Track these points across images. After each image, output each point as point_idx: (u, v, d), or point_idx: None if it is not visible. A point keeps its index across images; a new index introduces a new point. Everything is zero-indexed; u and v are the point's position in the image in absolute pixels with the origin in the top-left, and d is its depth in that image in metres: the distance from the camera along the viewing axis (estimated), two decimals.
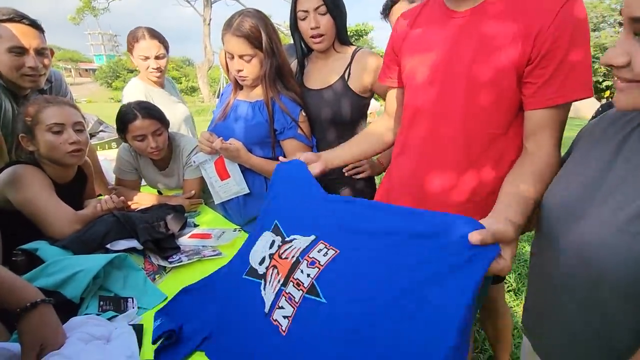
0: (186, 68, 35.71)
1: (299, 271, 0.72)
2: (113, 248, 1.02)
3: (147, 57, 1.72)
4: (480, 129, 0.81)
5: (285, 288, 0.72)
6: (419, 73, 0.88)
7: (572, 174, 0.63)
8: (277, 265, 0.78)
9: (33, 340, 0.65)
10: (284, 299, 0.71)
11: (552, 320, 0.62)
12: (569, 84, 0.70)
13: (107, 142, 2.85)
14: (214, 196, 1.42)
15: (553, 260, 0.60)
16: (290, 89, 1.30)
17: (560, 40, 0.68)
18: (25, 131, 1.12)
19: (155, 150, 1.42)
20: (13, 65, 1.22)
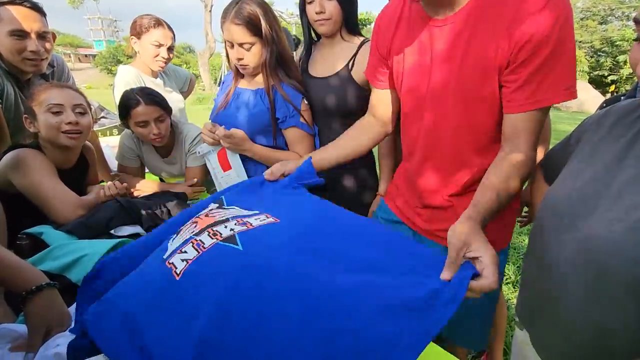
0: (187, 55, 35.34)
1: (222, 226, 0.65)
2: (117, 234, 1.03)
3: (161, 44, 1.70)
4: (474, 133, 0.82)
5: (196, 237, 0.64)
6: (407, 84, 0.89)
7: (579, 169, 0.63)
8: (198, 221, 0.71)
9: (39, 322, 0.66)
10: (190, 245, 0.63)
11: (550, 314, 0.63)
12: (542, 90, 0.69)
13: (109, 128, 2.84)
14: (217, 188, 1.42)
15: (555, 253, 0.61)
16: (292, 77, 1.29)
17: (538, 46, 0.67)
18: (28, 112, 1.13)
19: (158, 137, 1.42)
20: (14, 48, 1.20)
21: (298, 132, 1.30)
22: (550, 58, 0.67)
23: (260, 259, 0.55)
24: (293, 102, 1.26)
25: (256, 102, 1.30)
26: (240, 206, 0.76)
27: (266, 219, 0.67)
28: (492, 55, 0.72)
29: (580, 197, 0.59)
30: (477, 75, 0.75)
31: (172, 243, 0.68)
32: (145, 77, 1.76)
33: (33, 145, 1.15)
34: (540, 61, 0.67)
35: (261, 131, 1.33)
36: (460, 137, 0.84)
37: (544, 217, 0.66)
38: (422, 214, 0.99)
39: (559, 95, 0.69)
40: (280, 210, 0.70)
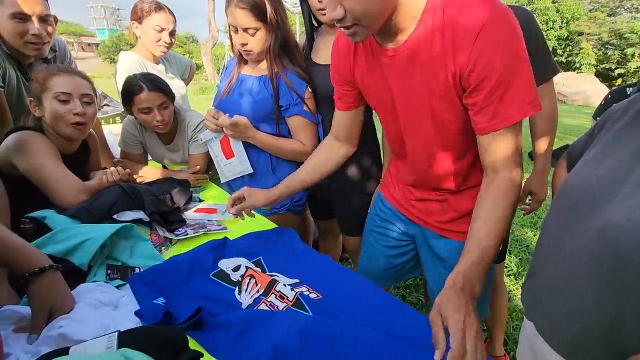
0: (190, 45, 35.13)
1: (281, 285, 0.78)
2: (120, 219, 1.03)
3: (163, 29, 1.67)
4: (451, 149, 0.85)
5: (265, 297, 0.76)
6: (379, 112, 0.93)
7: (601, 156, 0.61)
8: (255, 275, 0.82)
9: (42, 304, 0.66)
10: (264, 305, 0.75)
11: (561, 303, 0.62)
12: (501, 111, 0.69)
13: (112, 116, 2.84)
14: (220, 175, 1.42)
15: (570, 242, 0.60)
16: (297, 64, 1.27)
17: (484, 73, 0.67)
18: (34, 96, 1.12)
19: (161, 124, 1.41)
20: (16, 31, 1.19)
21: (302, 121, 1.29)
22: (501, 81, 0.67)
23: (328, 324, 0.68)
24: (297, 89, 1.25)
25: (260, 89, 1.29)
26: (282, 274, 0.89)
27: (310, 293, 0.81)
28: (445, 83, 0.73)
29: (600, 184, 0.57)
30: (437, 102, 0.76)
31: (242, 297, 0.79)
32: (148, 63, 1.75)
33: (37, 129, 1.15)
34: (492, 85, 0.67)
35: (265, 119, 1.31)
36: (439, 154, 0.86)
37: (561, 205, 0.65)
38: (416, 206, 1.01)
39: (519, 113, 0.69)
40: (321, 286, 0.84)
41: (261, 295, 0.76)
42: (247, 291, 0.78)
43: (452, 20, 0.67)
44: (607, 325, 0.55)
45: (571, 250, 0.59)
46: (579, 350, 0.60)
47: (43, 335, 0.63)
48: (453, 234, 0.96)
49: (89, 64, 28.96)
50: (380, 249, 1.12)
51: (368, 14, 0.67)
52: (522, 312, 1.84)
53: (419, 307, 1.88)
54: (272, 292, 0.77)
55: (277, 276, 0.87)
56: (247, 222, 1.21)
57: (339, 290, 0.81)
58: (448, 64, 0.70)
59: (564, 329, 0.61)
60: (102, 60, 30.37)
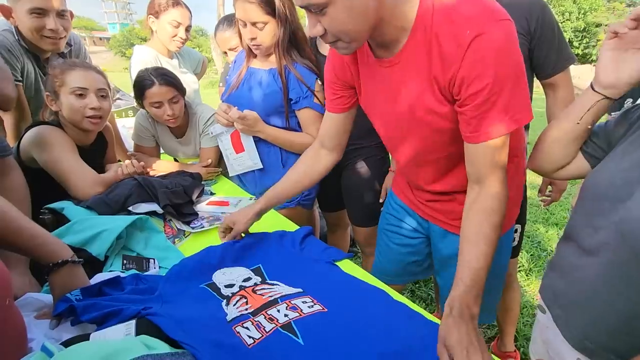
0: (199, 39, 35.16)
1: (275, 309, 0.72)
2: (135, 210, 1.05)
3: (180, 24, 1.68)
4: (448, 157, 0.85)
5: (253, 317, 0.70)
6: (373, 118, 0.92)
7: (627, 151, 0.60)
8: (247, 296, 0.77)
9: (63, 291, 0.69)
10: (250, 323, 0.69)
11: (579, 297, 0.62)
12: (483, 126, 0.69)
13: (124, 110, 2.87)
14: (228, 169, 1.43)
15: (592, 237, 0.59)
16: (306, 57, 1.26)
17: (471, 87, 0.66)
18: (50, 90, 1.15)
19: (172, 117, 1.42)
20: (33, 26, 1.22)
21: (312, 113, 1.29)
22: (487, 96, 0.66)
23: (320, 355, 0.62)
24: (307, 82, 1.24)
25: (269, 83, 1.29)
26: (282, 281, 0.83)
27: (314, 304, 0.74)
28: (437, 93, 0.72)
29: (624, 180, 0.57)
30: (430, 112, 0.76)
31: (228, 308, 0.73)
32: (162, 57, 1.76)
33: (54, 123, 1.18)
34: (478, 99, 0.67)
35: (275, 112, 1.32)
36: (438, 161, 0.87)
37: (585, 198, 0.64)
38: (426, 204, 1.00)
39: (502, 127, 0.69)
40: (325, 296, 0.77)
41: (249, 314, 0.71)
42: (235, 306, 0.74)
43: (440, 32, 0.67)
44: (622, 319, 0.55)
45: (591, 243, 0.59)
46: (591, 342, 0.60)
47: (64, 322, 0.65)
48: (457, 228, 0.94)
49: (100, 57, 29.30)
50: (393, 247, 1.12)
51: (346, 32, 0.67)
52: (533, 308, 1.83)
53: (428, 302, 1.88)
54: (261, 313, 0.71)
55: (278, 285, 0.82)
56: None
57: (346, 303, 0.75)
58: (437, 76, 0.70)
59: (578, 320, 0.62)
60: (114, 54, 30.65)
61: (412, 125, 0.81)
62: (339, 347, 0.64)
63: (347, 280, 0.84)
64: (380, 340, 0.65)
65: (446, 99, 0.72)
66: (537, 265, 2.20)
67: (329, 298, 0.76)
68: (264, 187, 1.40)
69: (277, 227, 1.10)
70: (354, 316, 0.71)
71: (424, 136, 0.82)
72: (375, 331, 0.67)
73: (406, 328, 0.69)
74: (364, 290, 0.81)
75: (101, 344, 0.47)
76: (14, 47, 1.23)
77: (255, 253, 0.95)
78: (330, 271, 0.88)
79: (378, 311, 0.73)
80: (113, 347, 0.44)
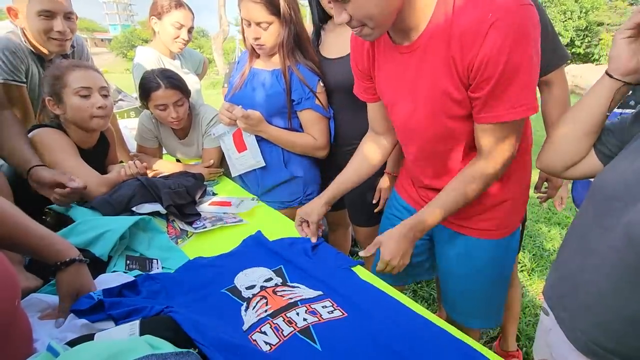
0: (200, 39, 35.22)
1: (295, 312, 0.72)
2: (138, 211, 1.06)
3: (182, 25, 1.68)
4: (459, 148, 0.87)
5: (272, 319, 0.71)
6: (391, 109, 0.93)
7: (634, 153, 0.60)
8: (267, 297, 0.78)
9: (69, 289, 0.70)
10: (268, 326, 0.69)
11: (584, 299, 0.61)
12: (492, 108, 0.72)
13: (126, 111, 2.89)
14: (230, 169, 1.44)
15: (599, 238, 0.59)
16: (309, 58, 1.27)
17: (486, 71, 0.68)
18: (52, 94, 1.14)
19: (176, 120, 1.43)
20: (41, 28, 1.22)
21: (313, 115, 1.29)
22: (501, 81, 0.68)
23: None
24: (309, 83, 1.25)
25: (272, 83, 1.29)
26: (304, 284, 0.84)
27: (334, 310, 0.74)
28: (455, 79, 0.73)
29: (636, 179, 0.56)
30: (448, 97, 0.77)
31: (246, 315, 0.73)
32: (165, 58, 1.77)
33: (54, 125, 1.18)
34: (491, 84, 0.69)
35: (277, 113, 1.32)
36: (448, 153, 0.89)
37: (593, 198, 0.64)
38: None
39: (508, 114, 0.72)
40: (345, 301, 0.77)
41: (267, 316, 0.71)
42: (254, 309, 0.74)
43: (461, 17, 0.68)
44: (628, 323, 0.55)
45: (599, 244, 0.59)
46: (597, 345, 0.59)
47: (69, 323, 0.65)
48: (469, 230, 0.95)
49: (102, 59, 29.37)
50: None
51: (372, 17, 0.70)
52: (536, 308, 1.83)
53: (430, 302, 1.88)
54: (280, 315, 0.71)
55: (298, 287, 0.82)
56: (262, 215, 1.23)
57: (366, 309, 0.74)
58: (456, 59, 0.71)
59: (583, 323, 0.61)
60: (115, 55, 30.70)
61: (428, 113, 0.82)
62: (356, 354, 0.64)
63: (366, 287, 0.85)
64: (398, 350, 0.65)
65: (462, 83, 0.74)
66: (539, 265, 2.20)
67: (350, 303, 0.76)
68: (266, 187, 1.41)
69: (279, 227, 1.11)
70: (373, 324, 0.71)
71: (439, 124, 0.83)
72: (393, 340, 0.67)
73: (425, 339, 0.69)
74: (383, 299, 0.81)
75: (106, 344, 0.48)
76: (18, 49, 1.24)
77: (277, 254, 0.96)
78: (349, 276, 0.89)
79: (396, 321, 0.73)
80: (118, 346, 0.45)
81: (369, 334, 0.68)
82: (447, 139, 0.86)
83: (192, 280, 0.84)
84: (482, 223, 0.93)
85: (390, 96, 0.91)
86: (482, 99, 0.72)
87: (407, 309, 0.78)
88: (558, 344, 0.67)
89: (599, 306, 0.58)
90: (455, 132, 0.83)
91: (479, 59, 0.67)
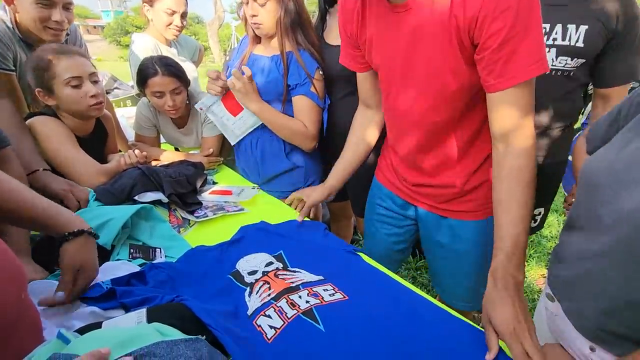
0: (195, 26, 34.48)
1: (297, 295, 0.73)
2: (141, 200, 1.05)
3: (174, 11, 1.65)
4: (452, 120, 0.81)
5: (275, 302, 0.72)
6: (382, 72, 0.87)
7: (627, 139, 0.59)
8: (269, 281, 0.79)
9: (73, 261, 0.68)
10: (272, 309, 0.70)
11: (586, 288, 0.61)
12: (510, 68, 0.66)
13: (123, 99, 2.85)
14: (229, 138, 1.39)
15: (597, 224, 0.59)
16: (310, 41, 1.24)
17: (492, 26, 0.64)
18: (41, 86, 1.11)
19: (172, 108, 1.41)
20: (38, 16, 1.19)
21: (306, 102, 1.26)
22: (511, 36, 0.64)
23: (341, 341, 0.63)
24: (307, 68, 1.22)
25: (271, 69, 1.27)
26: (304, 268, 0.84)
27: (335, 292, 0.75)
28: (453, 40, 0.69)
29: (625, 166, 0.56)
30: (445, 60, 0.72)
31: (250, 300, 0.75)
32: (162, 46, 1.74)
33: (50, 113, 1.16)
34: (500, 41, 0.64)
35: (275, 99, 1.30)
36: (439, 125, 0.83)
37: (584, 188, 0.64)
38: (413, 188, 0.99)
39: (526, 71, 0.66)
40: (346, 284, 0.78)
41: (271, 299, 0.72)
42: (258, 293, 0.75)
43: None
44: (637, 308, 0.55)
45: (597, 232, 0.59)
46: (606, 332, 0.59)
47: (76, 311, 0.66)
48: (450, 212, 0.95)
49: (95, 46, 28.77)
50: (380, 236, 1.12)
51: None
52: (533, 293, 1.86)
53: (430, 288, 1.91)
54: (283, 297, 0.72)
55: (299, 272, 0.83)
56: (263, 203, 1.23)
57: (367, 292, 0.75)
58: (458, 15, 0.66)
59: (591, 312, 0.61)
60: (108, 42, 30.12)
61: (422, 78, 0.78)
62: (359, 334, 0.65)
63: (368, 270, 0.86)
64: (400, 330, 0.66)
65: (464, 45, 0.69)
66: (537, 252, 2.23)
67: (350, 287, 0.77)
68: (266, 176, 1.40)
69: (280, 215, 1.11)
70: (374, 305, 0.71)
71: (434, 89, 0.78)
72: (395, 320, 0.68)
73: (425, 318, 0.70)
74: (384, 281, 0.82)
75: (116, 331, 0.48)
76: (3, 36, 1.20)
77: (276, 240, 0.97)
78: (351, 260, 0.89)
79: (398, 301, 0.74)
80: (128, 333, 0.45)
81: (370, 315, 0.69)
82: (440, 110, 0.80)
83: (196, 268, 0.85)
84: (462, 205, 0.93)
85: (381, 59, 0.86)
86: (494, 58, 0.66)
87: (407, 289, 0.79)
88: (566, 331, 0.67)
89: (606, 295, 0.58)
90: (450, 101, 0.78)
91: (484, 11, 0.63)
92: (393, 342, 0.64)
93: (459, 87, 0.75)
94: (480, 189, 0.90)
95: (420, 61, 0.76)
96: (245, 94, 1.24)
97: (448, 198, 0.93)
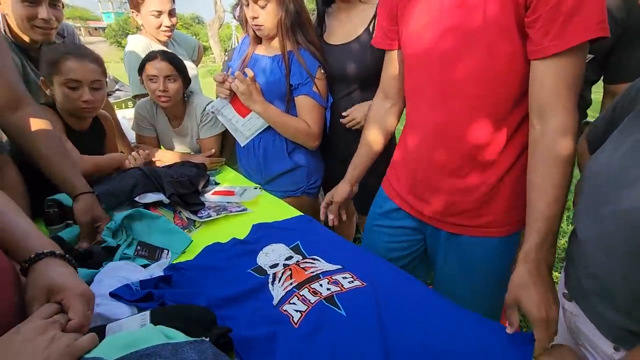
0: (195, 26, 34.50)
1: (318, 284, 0.76)
2: (141, 201, 1.05)
3: (160, 12, 1.62)
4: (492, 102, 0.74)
5: (298, 291, 0.74)
6: (420, 42, 0.80)
7: (623, 136, 0.59)
8: (291, 270, 0.81)
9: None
10: (296, 298, 0.73)
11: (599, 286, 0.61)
12: (569, 28, 0.60)
13: (124, 101, 2.86)
14: (238, 139, 1.39)
15: (600, 225, 0.58)
16: (310, 40, 1.24)
17: None
18: (45, 75, 1.16)
19: (163, 94, 1.39)
20: (25, 15, 1.19)
21: (309, 101, 1.26)
22: None
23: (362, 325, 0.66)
24: (308, 68, 1.22)
25: (272, 69, 1.27)
26: (323, 258, 0.87)
27: (353, 280, 0.78)
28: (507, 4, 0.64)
29: (622, 166, 0.55)
30: (494, 23, 0.66)
31: (274, 288, 0.77)
32: (156, 45, 1.73)
33: (48, 103, 1.19)
34: None
35: (277, 100, 1.30)
36: (480, 112, 0.75)
37: (586, 189, 0.63)
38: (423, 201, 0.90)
39: (589, 31, 0.59)
40: (363, 272, 0.80)
41: (294, 288, 0.75)
42: (280, 281, 0.78)
43: None
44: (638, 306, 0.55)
45: (600, 233, 0.58)
46: (628, 332, 0.58)
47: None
48: (465, 229, 0.86)
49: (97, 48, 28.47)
50: (380, 249, 1.03)
51: None
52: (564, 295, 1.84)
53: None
54: (305, 287, 0.75)
55: (318, 261, 0.85)
56: (265, 203, 1.22)
57: (384, 281, 0.77)
58: None
59: (610, 314, 0.60)
60: (109, 44, 30.18)
61: (464, 44, 0.71)
62: (378, 318, 0.67)
63: (380, 262, 0.88)
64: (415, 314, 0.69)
65: (514, 5, 0.64)
66: None
67: (367, 275, 0.79)
68: (269, 176, 1.40)
69: (284, 217, 1.10)
70: (391, 292, 0.74)
71: (477, 57, 0.70)
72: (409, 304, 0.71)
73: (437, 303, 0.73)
74: (397, 272, 0.84)
75: (122, 334, 0.48)
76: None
77: (292, 232, 0.99)
78: (362, 252, 0.92)
79: (413, 286, 0.78)
80: (133, 336, 0.45)
81: (387, 300, 0.72)
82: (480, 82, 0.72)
83: (217, 266, 0.87)
84: (479, 219, 0.83)
85: (415, 38, 0.79)
86: (551, 17, 0.59)
87: (419, 283, 0.81)
88: (586, 331, 0.65)
89: (624, 293, 0.57)
90: (493, 74, 0.70)
91: None
92: (409, 325, 0.66)
93: (511, 51, 0.68)
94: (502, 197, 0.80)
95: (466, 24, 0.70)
96: (249, 96, 1.25)
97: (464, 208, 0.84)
